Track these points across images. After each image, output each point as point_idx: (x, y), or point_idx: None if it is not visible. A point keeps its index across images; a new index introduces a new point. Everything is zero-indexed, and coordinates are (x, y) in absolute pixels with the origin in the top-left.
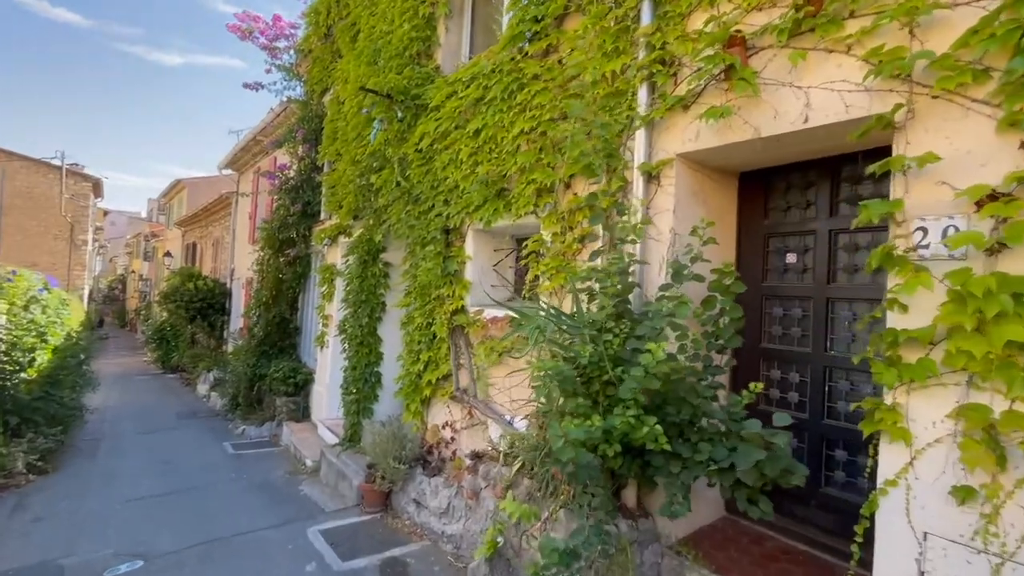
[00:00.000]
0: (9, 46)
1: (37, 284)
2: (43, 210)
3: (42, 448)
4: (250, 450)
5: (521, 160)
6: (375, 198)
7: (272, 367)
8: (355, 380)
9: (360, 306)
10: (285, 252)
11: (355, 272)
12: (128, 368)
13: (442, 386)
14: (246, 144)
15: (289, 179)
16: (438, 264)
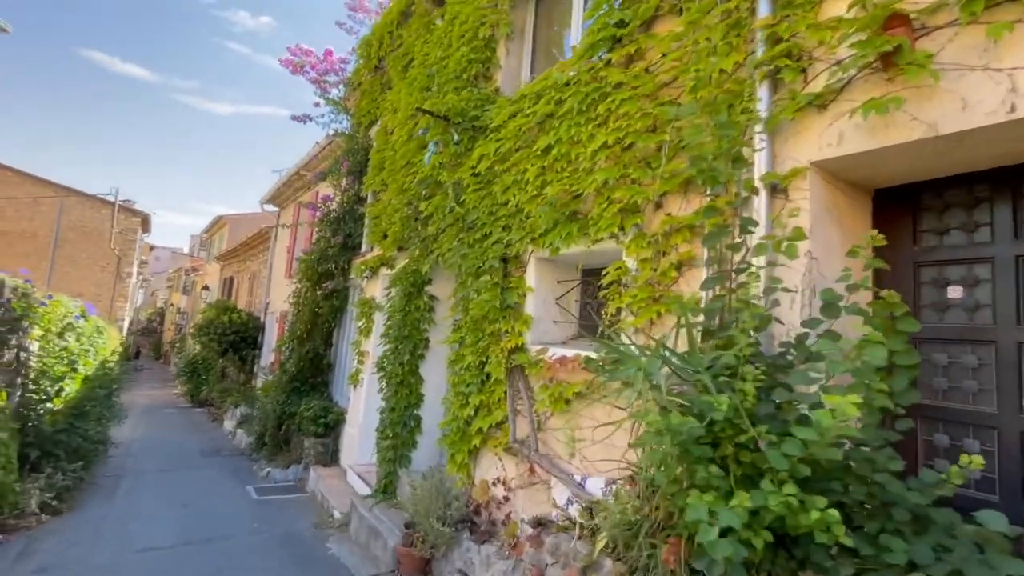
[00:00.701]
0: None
1: (74, 311)
2: (93, 243)
3: (59, 486)
4: (274, 495)
5: (601, 177)
6: (423, 227)
7: (303, 405)
8: (392, 423)
9: (401, 342)
10: (323, 285)
11: (397, 305)
12: (157, 400)
13: (494, 435)
14: (288, 179)
15: (331, 211)
16: (495, 296)
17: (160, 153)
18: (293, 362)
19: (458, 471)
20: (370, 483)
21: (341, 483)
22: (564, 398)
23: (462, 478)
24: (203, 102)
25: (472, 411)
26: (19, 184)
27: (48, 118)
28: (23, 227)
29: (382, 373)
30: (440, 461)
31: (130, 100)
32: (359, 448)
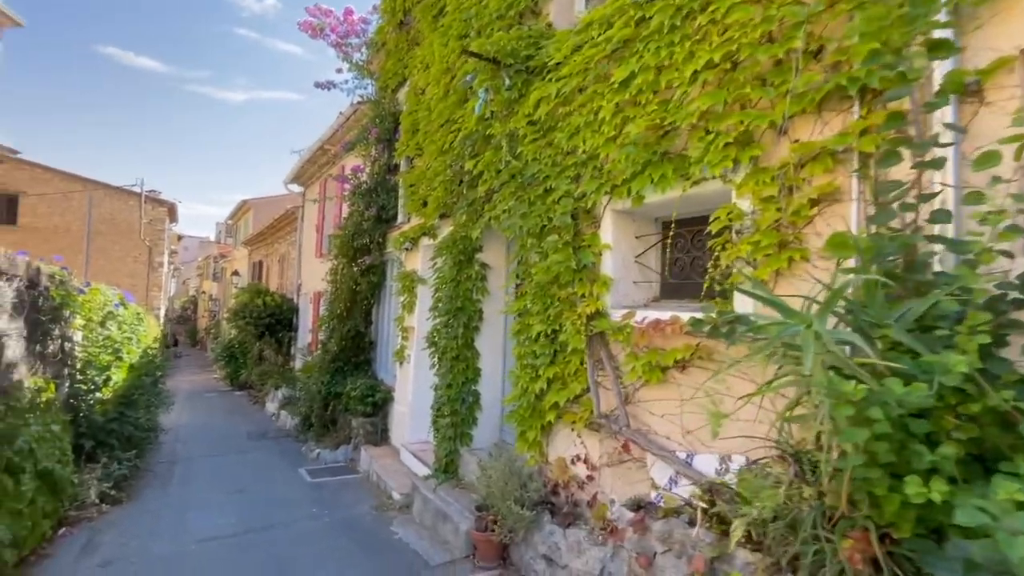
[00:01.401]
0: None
1: (113, 299)
2: (124, 235)
3: (116, 475)
4: (328, 477)
5: (704, 105)
6: (470, 189)
7: (348, 384)
8: (450, 400)
9: (454, 315)
10: (359, 260)
11: (447, 276)
12: (198, 385)
13: (571, 410)
14: (312, 155)
15: (362, 182)
16: (567, 257)
17: (178, 144)
18: (335, 341)
19: (529, 449)
20: (426, 462)
21: (395, 463)
22: (660, 367)
23: (534, 456)
24: (216, 91)
25: (544, 384)
26: (49, 180)
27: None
28: (56, 222)
29: (433, 348)
30: (501, 438)
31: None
32: (410, 426)
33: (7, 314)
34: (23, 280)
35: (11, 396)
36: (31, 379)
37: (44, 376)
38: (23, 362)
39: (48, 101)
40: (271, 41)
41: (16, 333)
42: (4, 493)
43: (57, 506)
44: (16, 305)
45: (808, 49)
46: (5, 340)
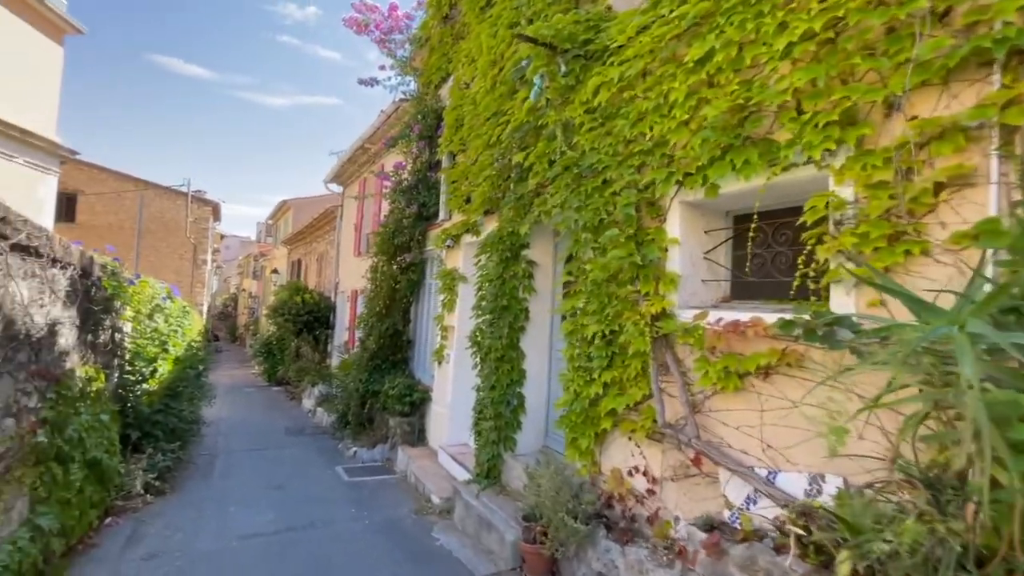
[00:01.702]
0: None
1: (161, 292)
2: (171, 233)
3: (160, 466)
4: (365, 477)
5: (799, 80)
6: (518, 183)
7: (386, 383)
8: (493, 403)
9: (499, 314)
10: (399, 258)
11: (492, 273)
12: (237, 380)
13: (629, 418)
14: (353, 154)
15: (403, 180)
16: (629, 252)
17: (222, 148)
18: (373, 339)
19: (580, 458)
20: (466, 466)
21: (433, 464)
22: (738, 373)
23: (586, 465)
24: (260, 96)
25: (599, 389)
26: (104, 180)
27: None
28: (110, 220)
29: (476, 348)
30: (545, 444)
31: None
32: (448, 428)
33: (61, 302)
34: (77, 269)
35: (62, 384)
36: (82, 368)
37: (95, 365)
38: (75, 351)
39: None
40: (312, 47)
41: (69, 322)
42: (54, 482)
43: (104, 496)
44: (69, 293)
45: (934, 10)
46: (58, 328)
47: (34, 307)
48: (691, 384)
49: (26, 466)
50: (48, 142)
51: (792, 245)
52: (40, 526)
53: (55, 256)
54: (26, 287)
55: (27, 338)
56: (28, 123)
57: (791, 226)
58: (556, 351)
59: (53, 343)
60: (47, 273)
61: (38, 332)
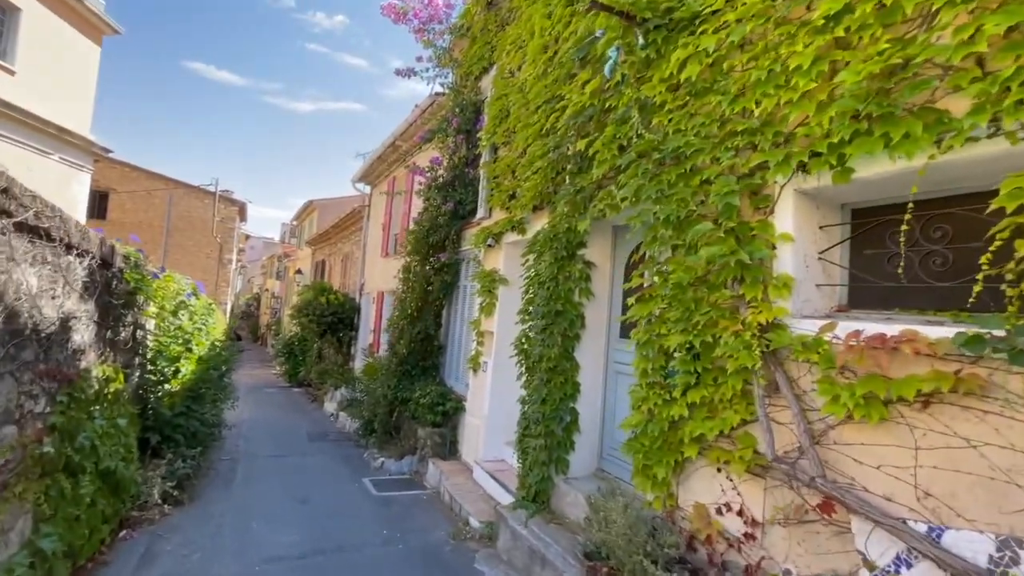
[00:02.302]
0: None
1: (186, 288)
2: (198, 231)
3: (180, 474)
4: (394, 491)
5: (993, 27)
6: (577, 174)
7: (417, 391)
8: (545, 419)
9: (551, 320)
10: (432, 258)
11: (545, 274)
12: (259, 380)
13: (719, 446)
14: (383, 152)
15: (438, 176)
16: (731, 248)
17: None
18: (404, 343)
19: (653, 488)
20: (506, 486)
21: (467, 481)
22: (884, 399)
23: (659, 497)
24: (288, 102)
25: (682, 411)
26: (135, 178)
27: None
28: (140, 218)
29: (522, 357)
30: (599, 466)
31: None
32: (485, 441)
33: (76, 294)
34: (96, 258)
35: (76, 386)
36: (99, 368)
37: (113, 365)
38: (92, 349)
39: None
40: (339, 55)
41: (86, 316)
42: (61, 497)
43: (119, 507)
44: (87, 285)
45: None
46: (73, 323)
47: (44, 298)
48: (808, 410)
49: (29, 480)
50: (83, 140)
51: (951, 242)
52: (42, 549)
53: (71, 241)
54: (35, 275)
55: (35, 333)
56: (64, 120)
57: (951, 219)
58: (613, 363)
59: (66, 339)
60: (61, 260)
61: (48, 327)
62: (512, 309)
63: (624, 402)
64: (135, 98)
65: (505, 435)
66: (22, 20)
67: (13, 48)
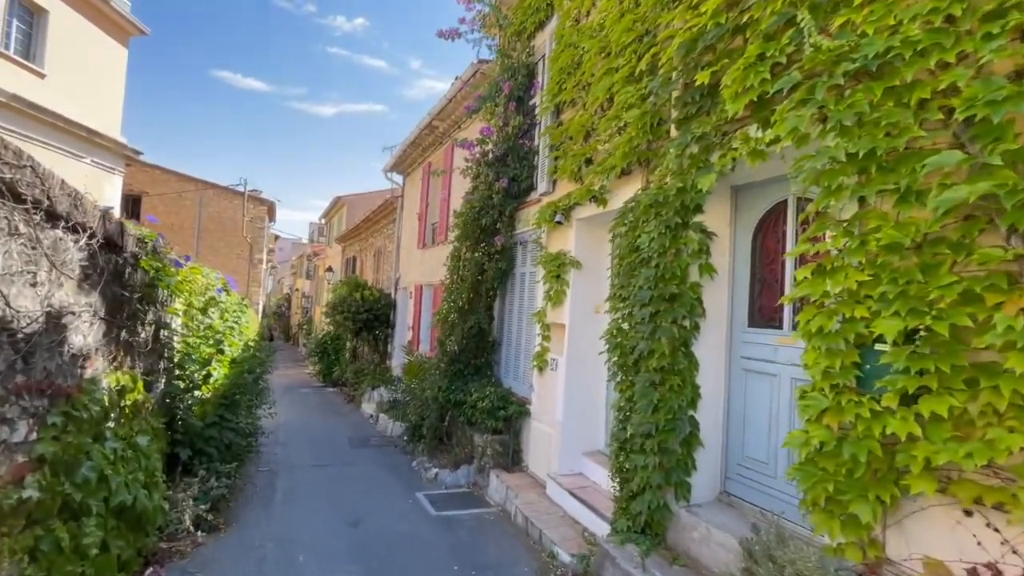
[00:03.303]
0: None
1: (216, 283)
2: (228, 232)
3: (214, 494)
4: (455, 509)
5: None
6: (694, 119)
7: (474, 393)
8: (660, 431)
9: (660, 306)
10: (484, 243)
11: (651, 250)
12: (293, 380)
13: (977, 480)
14: (417, 135)
15: (488, 151)
16: (999, 182)
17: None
18: (455, 340)
19: (844, 532)
20: (594, 507)
21: (541, 499)
22: None
23: (853, 544)
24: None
25: (909, 427)
26: (166, 181)
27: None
28: (172, 220)
29: (616, 354)
30: (724, 489)
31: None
32: (559, 453)
33: (73, 282)
34: (97, 237)
35: (75, 402)
36: (112, 376)
37: (131, 372)
38: (100, 353)
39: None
40: (359, 57)
41: (88, 311)
42: (57, 551)
43: (142, 543)
44: (87, 271)
45: None
46: (69, 320)
47: (16, 284)
48: None
49: (6, 534)
50: (113, 142)
51: None
52: None
53: (54, 208)
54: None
55: (2, 333)
56: (94, 123)
57: None
58: (739, 359)
59: (60, 342)
60: (42, 234)
61: (27, 324)
62: (588, 296)
63: (756, 408)
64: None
65: (582, 444)
66: (50, 22)
67: (42, 51)
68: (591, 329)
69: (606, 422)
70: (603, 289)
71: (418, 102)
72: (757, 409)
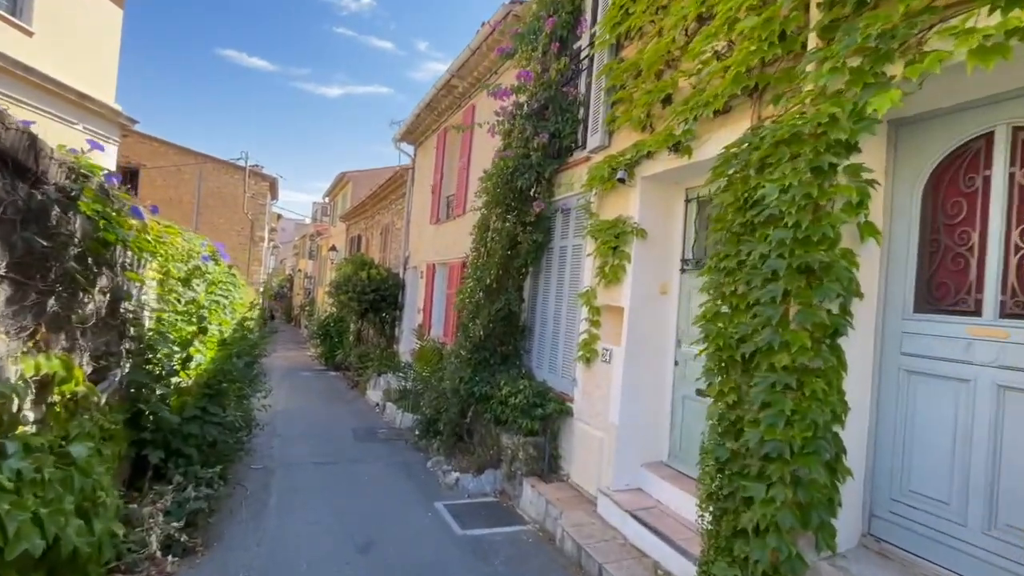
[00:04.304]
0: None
1: (201, 249)
2: (229, 208)
3: (191, 507)
4: (484, 527)
5: None
6: (860, 19)
7: (505, 387)
8: (799, 453)
9: (794, 282)
10: (519, 210)
11: (788, 202)
12: (294, 363)
13: None
14: (434, 97)
15: (522, 104)
16: None
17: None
18: (481, 323)
19: None
20: (670, 538)
21: (591, 519)
22: None
23: None
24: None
25: None
26: (164, 153)
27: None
28: (170, 195)
29: (714, 345)
30: (868, 530)
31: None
32: (613, 462)
33: None
34: None
35: None
36: (25, 360)
37: (63, 355)
38: None
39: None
40: (366, 38)
41: None
42: None
43: None
44: None
45: None
46: None
47: None
48: None
49: None
50: (107, 108)
51: None
52: None
53: None
54: None
55: None
56: (86, 88)
57: None
58: (900, 356)
59: None
60: None
61: None
62: (652, 273)
63: (930, 425)
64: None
65: (642, 454)
66: None
67: (30, 7)
68: (655, 313)
69: (671, 427)
70: (671, 264)
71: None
72: (931, 426)
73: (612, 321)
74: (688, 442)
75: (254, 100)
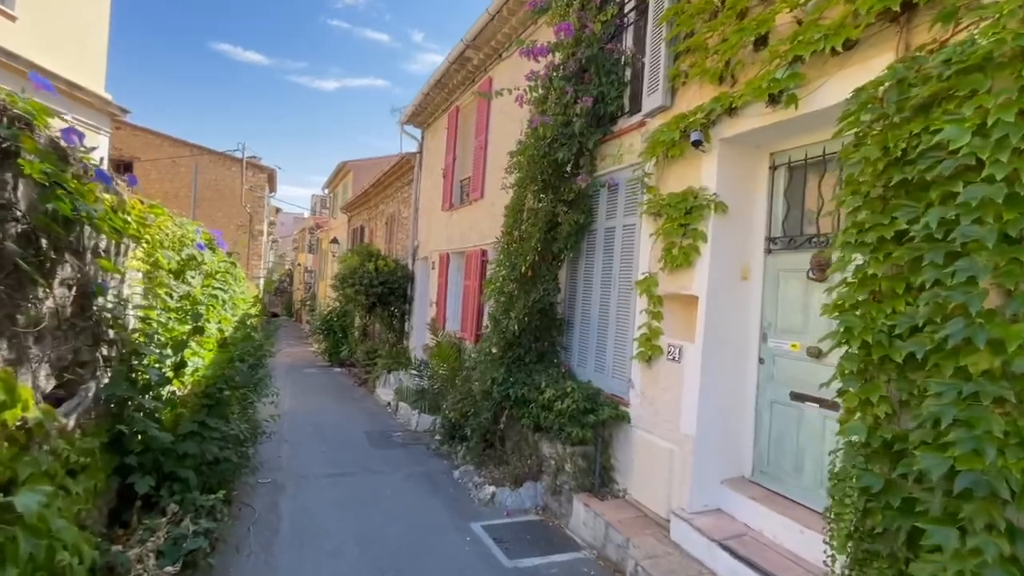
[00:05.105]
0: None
1: (195, 236)
2: (226, 201)
3: (187, 547)
4: (534, 555)
5: None
6: None
7: (547, 389)
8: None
9: (1001, 255)
10: (559, 186)
11: (1004, 144)
12: (298, 359)
13: None
14: (445, 72)
15: (558, 65)
16: None
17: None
18: (515, 318)
19: None
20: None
21: (665, 547)
22: None
23: None
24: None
25: None
26: (159, 146)
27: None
28: (166, 188)
29: (860, 342)
30: None
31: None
32: (688, 479)
33: None
34: None
35: None
36: None
37: (2, 370)
38: None
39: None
40: (361, 31)
41: None
42: None
43: None
44: None
45: None
46: None
47: None
48: None
49: None
50: (97, 97)
51: None
52: None
53: None
54: None
55: None
56: (74, 76)
57: None
58: None
59: None
60: None
61: None
62: (732, 256)
63: None
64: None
65: (722, 469)
66: None
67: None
68: (736, 302)
69: (756, 437)
70: (754, 244)
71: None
72: None
73: (680, 312)
74: (779, 455)
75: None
